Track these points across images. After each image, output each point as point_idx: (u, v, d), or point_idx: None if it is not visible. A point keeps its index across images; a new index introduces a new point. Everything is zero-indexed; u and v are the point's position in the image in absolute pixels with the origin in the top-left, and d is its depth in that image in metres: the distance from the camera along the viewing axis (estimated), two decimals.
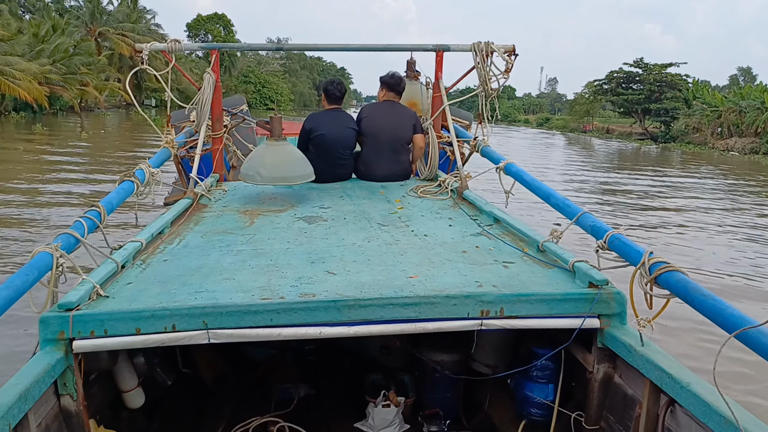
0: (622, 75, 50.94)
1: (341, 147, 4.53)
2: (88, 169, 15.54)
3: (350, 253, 2.73)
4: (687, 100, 45.65)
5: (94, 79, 42.09)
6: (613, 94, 51.44)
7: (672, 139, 44.07)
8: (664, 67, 49.06)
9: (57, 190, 12.01)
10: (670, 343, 5.00)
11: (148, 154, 7.89)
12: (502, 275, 2.45)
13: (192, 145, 4.45)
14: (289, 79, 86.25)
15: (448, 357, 3.02)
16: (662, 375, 1.93)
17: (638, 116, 50.68)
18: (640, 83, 49.22)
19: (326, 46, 5.00)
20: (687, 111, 44.45)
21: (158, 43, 4.26)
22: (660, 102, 46.70)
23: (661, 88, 47.32)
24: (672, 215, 12.69)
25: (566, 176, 19.24)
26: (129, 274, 2.43)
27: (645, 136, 48.23)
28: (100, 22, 52.43)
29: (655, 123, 49.29)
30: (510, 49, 4.17)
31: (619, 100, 50.58)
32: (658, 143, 43.65)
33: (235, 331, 2.08)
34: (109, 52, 50.72)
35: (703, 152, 36.60)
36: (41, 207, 10.26)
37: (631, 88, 49.92)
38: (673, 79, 48.05)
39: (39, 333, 1.98)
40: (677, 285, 1.96)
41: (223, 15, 75.38)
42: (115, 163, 16.85)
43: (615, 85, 51.13)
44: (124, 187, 3.17)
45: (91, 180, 13.64)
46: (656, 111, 47.15)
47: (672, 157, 32.96)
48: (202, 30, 72.40)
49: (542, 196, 3.24)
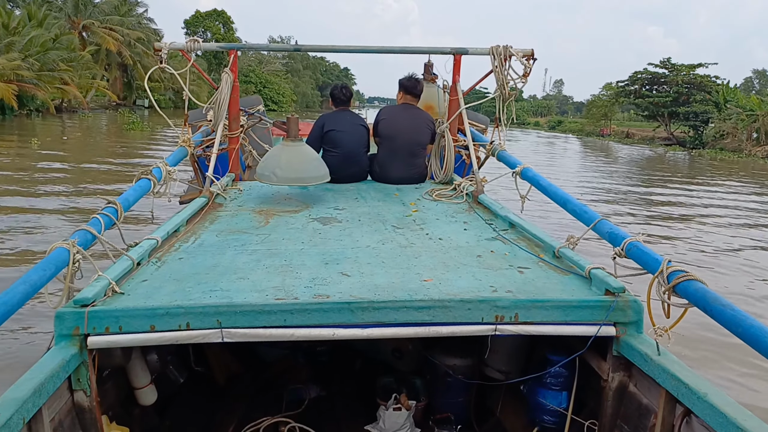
0: (647, 76, 48.00)
1: (354, 143, 4.58)
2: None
3: (364, 255, 2.72)
4: (717, 104, 42.41)
5: (77, 77, 37.75)
6: (636, 97, 48.68)
7: (702, 144, 41.07)
8: (692, 68, 45.89)
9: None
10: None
11: (133, 172, 7.24)
12: (517, 280, 2.43)
13: (208, 145, 4.48)
14: (292, 79, 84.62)
15: (461, 361, 3.00)
16: (678, 385, 1.90)
17: (664, 120, 47.25)
18: (666, 85, 46.61)
19: (344, 48, 5.00)
20: (720, 115, 41.26)
21: (177, 42, 4.28)
22: (688, 105, 43.45)
23: (689, 91, 44.15)
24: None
25: (596, 189, 16.76)
26: (144, 271, 2.44)
27: (671, 141, 45.51)
28: (84, 14, 47.62)
29: (683, 127, 46.44)
30: (528, 53, 4.15)
31: (644, 103, 47.22)
32: (688, 149, 40.70)
33: (248, 330, 2.08)
34: (94, 48, 45.55)
35: (741, 159, 33.50)
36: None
37: (656, 90, 47.33)
38: (703, 81, 44.71)
39: (54, 328, 1.99)
40: (696, 294, 1.93)
41: (222, 11, 73.31)
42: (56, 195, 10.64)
43: (639, 87, 48.40)
44: (141, 184, 3.19)
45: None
46: (684, 115, 43.84)
47: (711, 165, 29.75)
48: (200, 27, 70.62)
49: (559, 202, 3.22)
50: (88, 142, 23.40)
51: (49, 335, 2.04)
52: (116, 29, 47.39)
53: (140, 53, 49.33)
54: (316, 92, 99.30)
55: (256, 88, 66.82)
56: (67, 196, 10.81)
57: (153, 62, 50.07)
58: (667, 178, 21.49)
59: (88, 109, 40.88)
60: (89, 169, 14.61)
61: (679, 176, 23.03)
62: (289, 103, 71.48)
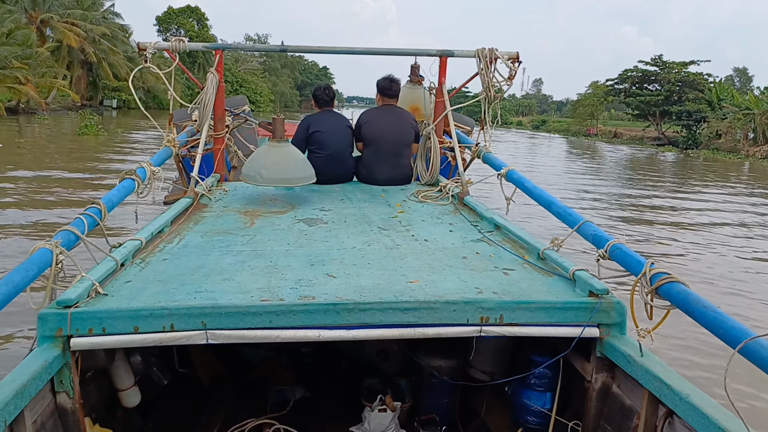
0: (638, 74, 46.94)
1: (340, 144, 4.58)
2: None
3: (350, 257, 2.72)
4: (711, 102, 41.40)
5: (34, 76, 34.41)
6: (626, 95, 47.40)
7: (695, 144, 40.15)
8: (684, 66, 45.07)
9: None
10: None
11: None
12: (502, 282, 2.44)
13: (193, 145, 4.45)
14: (269, 78, 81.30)
15: (446, 362, 3.01)
16: (661, 386, 1.93)
17: (655, 119, 46.12)
18: (657, 83, 45.62)
19: (330, 49, 5.00)
20: (714, 114, 40.01)
21: (162, 42, 4.27)
22: (681, 104, 42.45)
23: (681, 89, 43.39)
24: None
25: (593, 194, 15.78)
26: (128, 272, 2.42)
27: (661, 141, 44.10)
28: (43, 7, 43.55)
29: (675, 127, 45.29)
30: (513, 56, 4.18)
31: (634, 102, 46.07)
32: (681, 149, 39.66)
33: (233, 332, 2.07)
34: (54, 44, 42.01)
35: (738, 160, 32.33)
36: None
37: (646, 89, 46.06)
38: (695, 79, 43.91)
39: (37, 329, 1.97)
40: (678, 296, 1.96)
41: (196, 8, 70.05)
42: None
43: (629, 85, 47.19)
44: (124, 185, 3.16)
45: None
46: (677, 114, 42.72)
47: (708, 167, 28.66)
48: (173, 24, 67.76)
49: (543, 204, 3.24)
50: (32, 148, 19.38)
51: (31, 337, 2.02)
52: (79, 24, 44.06)
53: (106, 50, 46.91)
54: (294, 91, 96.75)
55: (232, 87, 64.28)
56: None
57: (120, 60, 48.32)
58: (664, 181, 20.93)
59: (47, 111, 36.46)
60: (19, 179, 12.35)
61: (676, 179, 22.19)
62: (267, 103, 69.65)
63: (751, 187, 20.68)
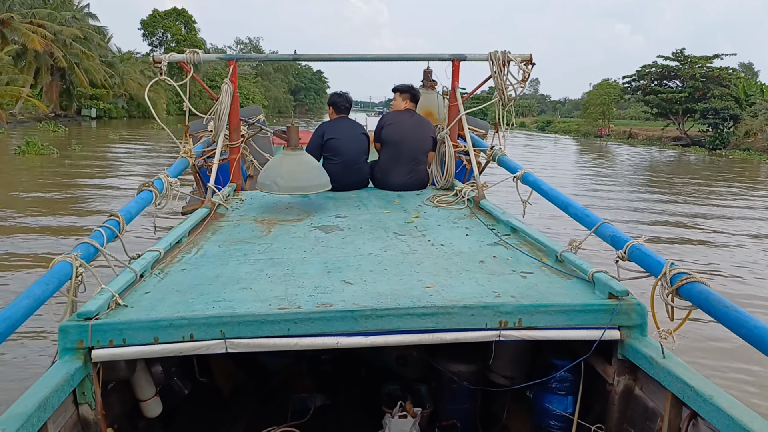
0: (657, 70, 43.76)
1: (355, 151, 4.59)
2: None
3: (367, 263, 2.72)
4: (738, 99, 38.33)
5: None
6: (645, 93, 44.45)
7: (723, 145, 36.56)
8: (708, 60, 41.66)
9: None
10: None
11: None
12: (520, 285, 2.42)
13: (209, 155, 4.48)
14: (262, 82, 78.80)
15: (466, 367, 2.99)
16: (684, 388, 1.90)
17: (677, 118, 42.78)
18: (677, 79, 42.60)
19: (343, 57, 5.02)
20: (745, 111, 37.03)
21: (176, 54, 4.31)
22: (705, 101, 38.96)
23: (705, 85, 39.96)
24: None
25: None
26: (147, 283, 2.44)
27: (684, 142, 40.76)
28: (1, 7, 38.87)
29: (699, 126, 41.95)
30: (527, 58, 4.16)
31: (655, 100, 42.77)
32: (708, 150, 36.09)
33: (252, 340, 2.08)
34: (16, 48, 37.04)
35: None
36: None
37: (666, 86, 43.28)
38: (721, 74, 40.50)
39: (58, 342, 2.00)
40: (699, 296, 1.93)
41: (183, 11, 67.91)
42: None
43: (648, 82, 44.27)
44: (142, 196, 3.19)
45: None
46: (702, 112, 39.32)
47: (753, 170, 25.78)
48: (159, 27, 65.88)
49: (560, 206, 3.22)
50: None
51: (53, 348, 2.05)
52: (45, 25, 39.09)
53: (79, 54, 42.41)
54: (288, 96, 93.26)
55: (201, 90, 62.87)
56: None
57: (96, 65, 44.99)
58: (714, 190, 17.92)
59: (11, 123, 31.82)
60: None
61: (727, 187, 19.15)
62: (244, 107, 69.15)
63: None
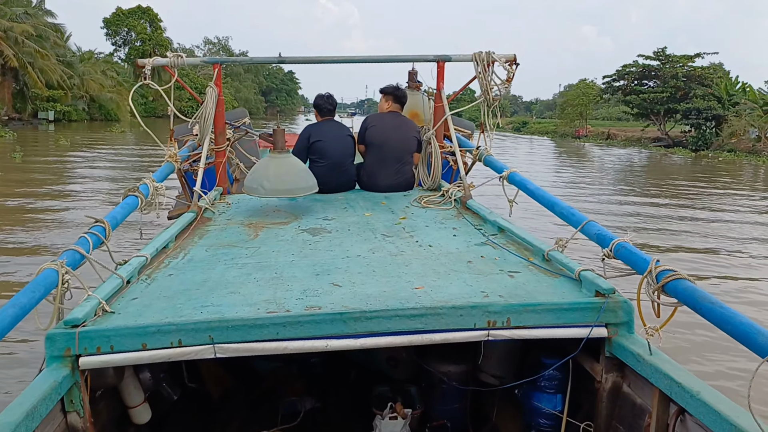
0: (638, 70, 42.15)
1: (341, 153, 4.59)
2: None
3: (355, 265, 2.72)
4: (720, 99, 36.85)
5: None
6: (626, 93, 42.65)
7: (706, 145, 35.15)
8: (689, 59, 40.39)
9: None
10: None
11: None
12: (508, 285, 2.44)
13: (195, 159, 4.47)
14: (232, 83, 75.56)
15: (455, 368, 3.01)
16: (671, 384, 1.92)
17: (659, 118, 41.23)
18: (658, 79, 41.10)
19: (329, 59, 5.02)
20: (728, 111, 35.56)
21: (160, 59, 4.29)
22: (688, 101, 37.51)
23: (687, 85, 38.75)
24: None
25: None
26: (134, 289, 2.42)
27: (665, 142, 39.21)
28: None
29: (682, 126, 40.40)
30: (511, 58, 4.19)
31: (636, 100, 41.07)
32: (692, 150, 34.64)
33: (241, 345, 2.07)
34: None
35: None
36: None
37: (646, 85, 41.80)
38: (703, 73, 39.34)
39: (45, 350, 1.98)
40: (685, 293, 1.95)
41: (148, 8, 65.51)
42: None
43: (628, 82, 42.45)
44: (128, 202, 3.17)
45: None
46: (684, 112, 37.70)
47: (753, 172, 24.28)
48: (123, 26, 63.89)
49: (546, 205, 3.24)
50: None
51: (40, 356, 2.03)
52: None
53: (32, 53, 39.97)
54: (259, 97, 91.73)
55: (190, 95, 59.87)
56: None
57: (52, 65, 42.50)
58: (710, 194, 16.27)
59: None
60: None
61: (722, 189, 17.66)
62: (230, 111, 67.38)
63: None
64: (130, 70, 60.59)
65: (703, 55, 41.00)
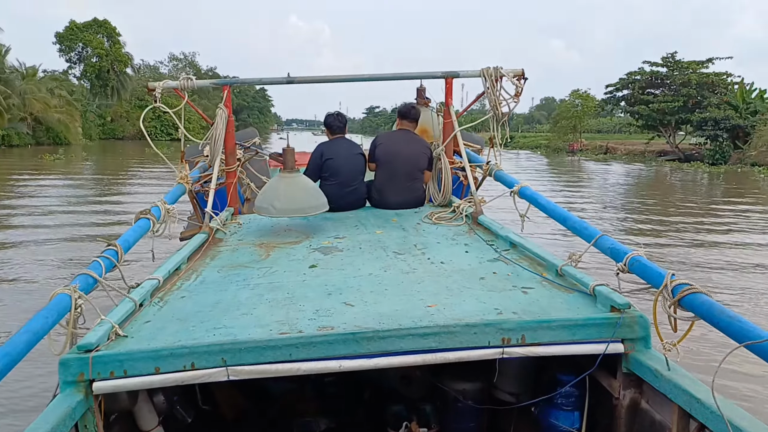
0: (645, 77, 39.10)
1: (351, 171, 4.60)
2: None
3: (367, 284, 2.71)
4: (737, 107, 33.67)
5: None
6: (631, 103, 39.55)
7: (724, 160, 31.86)
8: (701, 65, 37.42)
9: None
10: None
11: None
12: (522, 301, 2.41)
13: (206, 180, 4.49)
14: (199, 101, 66.24)
15: (470, 386, 2.97)
16: (691, 400, 1.88)
17: (669, 130, 37.96)
18: (666, 87, 38.25)
19: (337, 78, 5.04)
20: (755, 119, 32.12)
21: (170, 81, 4.34)
22: (701, 110, 34.25)
23: (700, 93, 35.79)
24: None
25: None
26: (147, 312, 2.43)
27: (673, 156, 36.17)
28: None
29: (694, 138, 37.16)
30: (519, 73, 4.19)
31: (645, 110, 37.53)
32: (713, 165, 31.30)
33: (254, 367, 2.06)
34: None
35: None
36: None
37: (653, 94, 38.45)
38: (716, 80, 36.39)
39: (59, 375, 1.98)
40: (702, 307, 1.92)
41: (105, 22, 61.09)
42: None
43: (632, 91, 39.37)
44: (140, 224, 3.19)
45: None
46: (699, 123, 34.05)
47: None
48: (78, 41, 59.10)
49: (558, 219, 3.22)
50: None
51: (54, 381, 2.03)
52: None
53: None
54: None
55: (155, 113, 51.62)
56: None
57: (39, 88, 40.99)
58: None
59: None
60: None
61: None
62: (197, 131, 61.37)
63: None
64: (85, 88, 58.17)
65: (714, 60, 37.94)
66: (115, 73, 59.15)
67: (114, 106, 60.15)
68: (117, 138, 54.65)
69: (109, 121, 58.06)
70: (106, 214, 13.90)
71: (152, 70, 75.64)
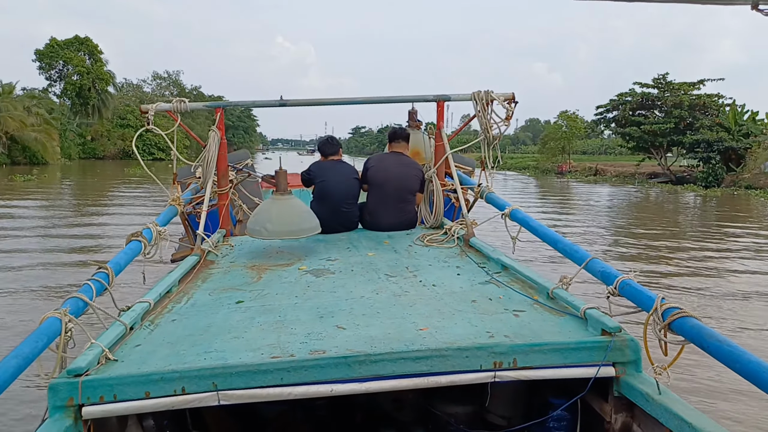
0: (636, 99, 38.77)
1: (342, 194, 4.61)
2: None
3: (359, 306, 2.71)
4: (729, 129, 33.69)
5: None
6: (622, 124, 39.34)
7: (717, 182, 31.54)
8: (693, 86, 37.61)
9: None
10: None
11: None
12: (513, 324, 2.42)
13: (198, 202, 4.49)
14: (184, 120, 71.73)
15: (462, 409, 2.96)
16: (682, 424, 1.89)
17: (660, 152, 37.79)
18: (657, 109, 38.22)
19: (331, 100, 5.08)
20: (747, 142, 32.33)
21: (163, 104, 4.36)
22: (693, 132, 34.46)
23: (691, 114, 35.85)
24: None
25: None
26: (137, 335, 2.41)
27: (665, 179, 36.15)
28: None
29: (685, 160, 37.26)
30: (510, 96, 4.24)
31: (636, 132, 37.26)
32: (706, 188, 30.96)
33: (245, 391, 2.05)
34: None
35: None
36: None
37: (643, 115, 38.45)
38: (708, 102, 36.46)
39: (48, 400, 1.96)
40: (692, 331, 1.93)
41: (86, 39, 60.26)
42: None
43: (622, 112, 39.20)
44: (131, 247, 3.18)
45: None
46: (691, 145, 33.92)
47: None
48: (58, 59, 58.08)
49: (549, 242, 3.24)
50: None
51: (42, 405, 2.01)
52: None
53: None
54: None
55: (136, 131, 46.46)
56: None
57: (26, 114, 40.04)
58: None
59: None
60: None
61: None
62: (181, 150, 59.04)
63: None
64: (65, 106, 57.24)
65: (706, 82, 38.03)
66: (96, 92, 58.17)
67: (95, 125, 59.26)
68: (97, 157, 53.21)
69: (89, 140, 56.92)
70: (77, 239, 12.57)
71: (135, 89, 74.91)
